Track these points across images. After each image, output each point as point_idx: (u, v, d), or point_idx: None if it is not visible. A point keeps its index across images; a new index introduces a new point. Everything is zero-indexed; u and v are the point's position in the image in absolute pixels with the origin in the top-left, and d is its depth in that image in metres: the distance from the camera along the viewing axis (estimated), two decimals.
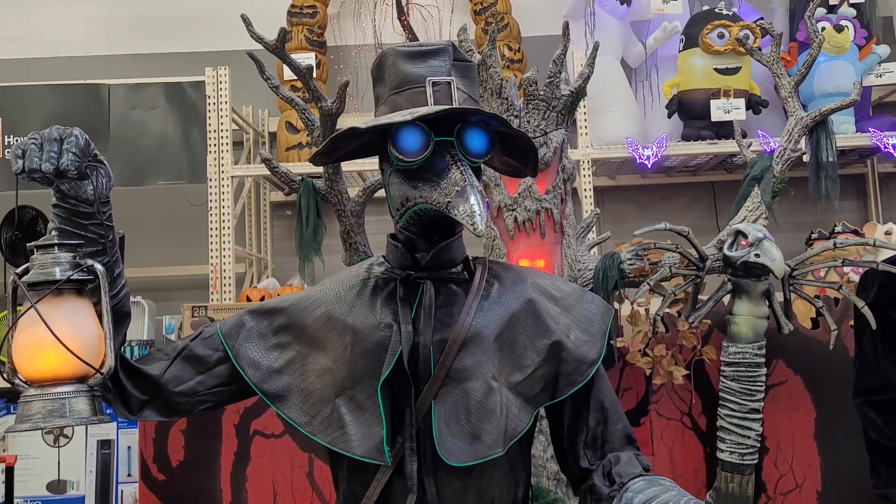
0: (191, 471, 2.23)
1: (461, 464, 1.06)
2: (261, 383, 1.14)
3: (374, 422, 1.07)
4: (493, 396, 1.09)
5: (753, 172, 1.91)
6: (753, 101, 3.31)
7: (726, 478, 0.94)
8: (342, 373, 1.10)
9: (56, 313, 1.03)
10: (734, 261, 0.96)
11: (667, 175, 3.77)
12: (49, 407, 1.02)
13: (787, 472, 2.21)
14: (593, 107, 3.34)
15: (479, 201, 0.99)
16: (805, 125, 1.89)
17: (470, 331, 1.10)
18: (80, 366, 1.04)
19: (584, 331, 1.18)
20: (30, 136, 1.02)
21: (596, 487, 1.15)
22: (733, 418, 0.94)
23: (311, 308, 1.16)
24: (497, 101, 1.83)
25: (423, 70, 1.08)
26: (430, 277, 1.13)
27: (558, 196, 1.85)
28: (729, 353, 0.96)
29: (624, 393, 2.27)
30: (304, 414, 1.11)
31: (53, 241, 1.05)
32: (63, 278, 1.03)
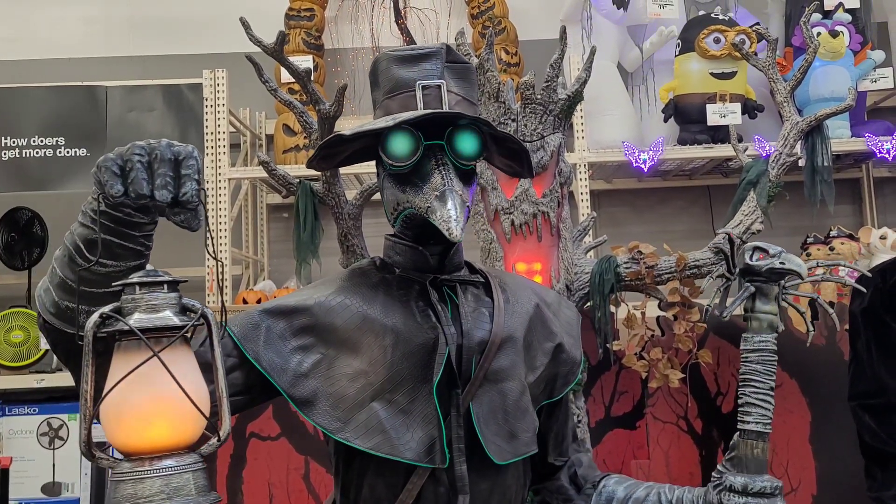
0: None
1: (504, 461, 1.09)
2: (289, 389, 1.07)
3: (418, 425, 1.06)
4: (527, 396, 1.15)
5: (749, 177, 1.92)
6: (749, 106, 3.32)
7: (752, 445, 1.13)
8: (381, 376, 1.07)
9: (174, 368, 0.83)
10: (759, 269, 1.16)
11: (663, 179, 3.77)
12: (173, 484, 0.83)
13: (783, 476, 2.22)
14: (590, 111, 3.35)
15: (456, 206, 0.99)
16: (800, 130, 1.91)
17: (505, 333, 1.13)
18: (198, 432, 0.86)
19: (569, 334, 1.26)
20: (130, 149, 0.84)
21: (564, 488, 1.25)
22: (758, 394, 1.14)
23: (341, 308, 1.10)
24: (494, 104, 1.84)
25: (414, 74, 1.08)
26: (456, 280, 1.14)
27: (555, 199, 1.86)
28: (754, 342, 1.17)
29: (620, 396, 2.28)
30: (334, 419, 1.06)
31: (162, 279, 0.85)
32: (185, 325, 0.84)
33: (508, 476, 1.13)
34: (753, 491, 1.09)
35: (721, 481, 1.12)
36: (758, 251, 1.15)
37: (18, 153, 3.21)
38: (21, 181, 3.22)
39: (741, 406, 1.15)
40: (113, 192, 0.84)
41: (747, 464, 1.11)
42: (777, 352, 1.16)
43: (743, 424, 1.13)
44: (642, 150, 3.29)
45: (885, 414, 1.59)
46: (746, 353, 1.16)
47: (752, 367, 1.15)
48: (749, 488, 1.09)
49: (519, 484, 1.17)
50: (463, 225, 0.99)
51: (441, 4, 3.82)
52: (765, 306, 1.16)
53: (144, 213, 0.88)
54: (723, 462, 1.14)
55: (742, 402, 1.14)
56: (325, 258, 1.91)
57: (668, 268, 1.90)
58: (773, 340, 1.15)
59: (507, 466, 1.11)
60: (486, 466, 1.09)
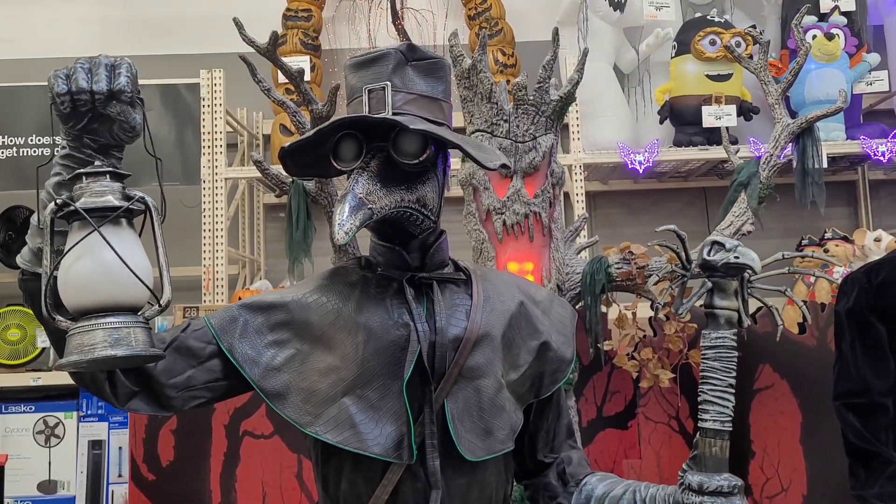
0: (180, 471, 2.24)
1: (477, 458, 1.10)
2: (260, 381, 1.10)
3: (388, 420, 1.07)
4: (503, 393, 1.15)
5: (740, 178, 1.93)
6: (745, 108, 3.33)
7: (709, 443, 1.11)
8: (352, 372, 1.09)
9: (114, 241, 0.98)
10: (715, 264, 1.13)
11: (658, 180, 3.79)
12: (114, 335, 0.96)
13: (774, 476, 2.23)
14: (586, 112, 3.36)
15: (346, 210, 1.00)
16: (791, 132, 1.92)
17: (481, 330, 1.13)
18: (140, 296, 1.00)
19: (560, 332, 1.26)
20: (75, 62, 0.98)
21: (551, 486, 1.25)
22: (715, 392, 1.12)
23: (317, 305, 1.14)
24: (487, 105, 1.85)
25: (365, 78, 1.10)
26: (434, 278, 1.15)
27: (547, 200, 1.87)
28: (711, 338, 1.14)
29: (612, 396, 2.29)
30: (305, 414, 1.09)
31: (105, 169, 1.00)
32: (122, 206, 0.98)
33: (487, 472, 1.14)
34: (709, 490, 1.07)
35: (682, 480, 1.11)
36: (715, 246, 1.13)
37: (15, 152, 3.22)
38: (18, 180, 3.23)
39: (700, 404, 1.13)
40: (58, 90, 0.96)
41: (705, 462, 1.10)
42: (736, 348, 1.14)
43: (702, 422, 1.12)
44: (638, 151, 3.30)
45: (869, 413, 1.60)
46: (705, 349, 1.14)
47: (710, 364, 1.13)
48: (705, 487, 1.08)
49: (500, 480, 1.17)
50: (351, 227, 0.99)
51: (438, 5, 3.83)
52: (722, 301, 1.13)
53: (93, 118, 0.98)
54: (687, 461, 1.14)
55: (701, 400, 1.13)
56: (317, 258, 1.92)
57: (660, 268, 1.91)
58: (731, 336, 1.12)
59: (485, 462, 1.12)
60: (462, 462, 1.10)
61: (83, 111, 0.97)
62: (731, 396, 1.11)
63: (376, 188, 1.04)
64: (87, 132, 0.99)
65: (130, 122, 1.00)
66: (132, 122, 1.00)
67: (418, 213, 1.10)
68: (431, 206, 1.12)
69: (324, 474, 1.15)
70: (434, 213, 1.14)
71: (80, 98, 0.96)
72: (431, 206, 1.12)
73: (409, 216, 1.10)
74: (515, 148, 1.83)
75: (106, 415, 3.21)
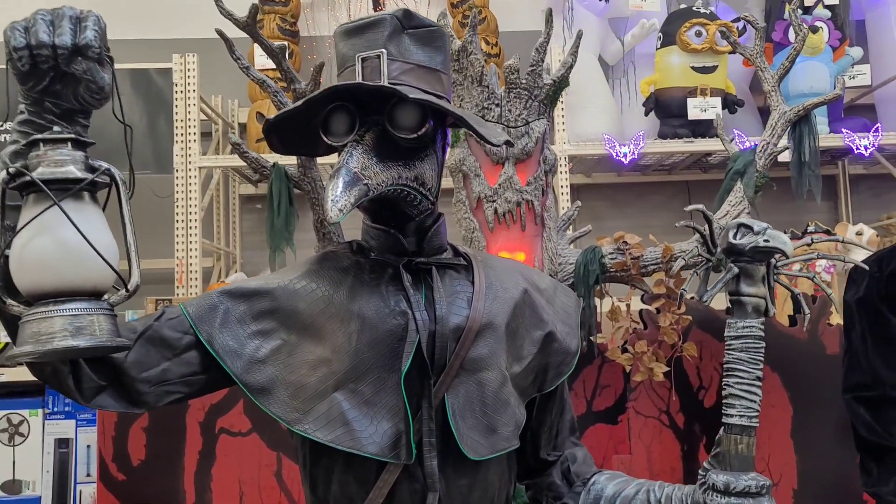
0: (152, 470, 2.14)
1: (480, 457, 1.01)
2: (243, 374, 1.01)
3: (384, 417, 0.99)
4: (507, 387, 1.07)
5: (736, 167, 1.88)
6: (729, 101, 3.30)
7: (735, 440, 1.03)
8: (345, 364, 1.00)
9: (76, 217, 0.87)
10: (742, 248, 1.05)
11: (642, 173, 3.75)
12: (75, 324, 0.86)
13: (764, 470, 2.19)
14: (570, 103, 3.31)
15: (339, 185, 0.90)
16: (788, 119, 1.87)
17: (484, 319, 1.05)
18: (105, 279, 0.90)
19: (564, 322, 1.18)
20: (35, 12, 0.87)
21: (556, 485, 1.17)
22: (742, 385, 1.04)
23: (306, 292, 1.04)
24: (478, 88, 1.78)
25: (358, 46, 1.01)
26: (432, 263, 1.06)
27: (539, 188, 1.81)
28: (738, 327, 1.06)
29: (602, 390, 2.24)
30: (292, 410, 1.00)
31: (67, 136, 0.89)
32: (86, 178, 0.88)
33: (490, 472, 1.06)
34: (736, 490, 0.99)
35: (705, 479, 1.04)
36: (742, 229, 1.05)
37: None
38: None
39: (725, 398, 1.05)
40: (15, 43, 0.85)
41: (731, 461, 1.02)
42: (764, 338, 1.06)
43: (727, 418, 1.03)
44: (623, 143, 3.25)
45: (881, 406, 1.55)
46: (730, 339, 1.06)
47: (736, 356, 1.05)
48: (732, 487, 0.99)
49: (503, 480, 1.10)
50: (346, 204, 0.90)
51: None
52: (749, 288, 1.05)
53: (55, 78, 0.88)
54: (708, 459, 1.06)
55: (726, 395, 1.05)
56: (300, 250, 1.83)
57: (654, 259, 1.86)
58: (759, 326, 1.05)
59: (488, 462, 1.04)
60: (464, 462, 1.02)
61: (44, 69, 0.86)
62: (759, 390, 1.04)
63: (372, 163, 0.95)
64: (48, 94, 0.89)
65: (98, 82, 0.89)
66: (100, 83, 0.89)
67: (416, 193, 1.02)
68: (430, 185, 1.04)
69: (312, 476, 1.06)
70: (433, 193, 1.05)
71: (41, 54, 0.85)
72: (430, 186, 1.04)
73: (406, 195, 1.01)
74: (507, 133, 1.77)
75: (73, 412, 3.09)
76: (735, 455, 1.02)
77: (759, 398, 1.04)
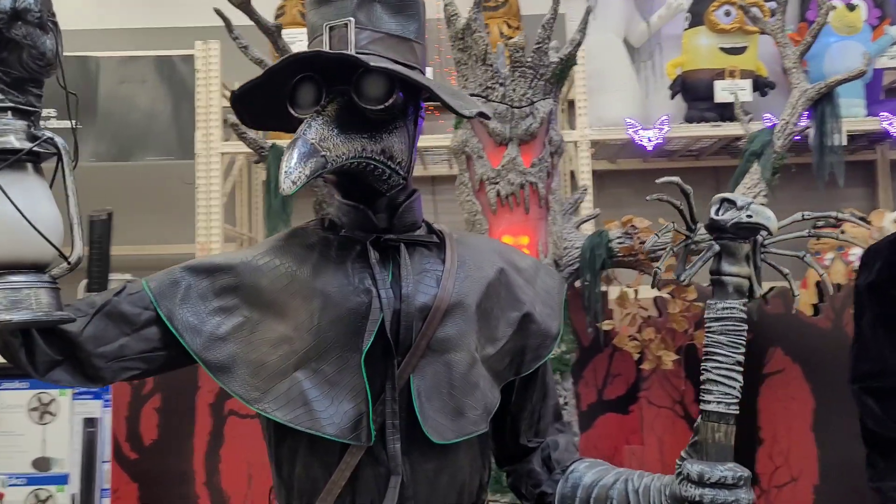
0: (164, 450, 2.16)
1: (446, 441, 0.98)
2: (202, 351, 0.99)
3: (345, 397, 0.96)
4: (476, 369, 1.03)
5: (753, 147, 1.81)
6: (760, 83, 3.19)
7: (712, 428, 0.97)
8: (306, 342, 0.98)
9: (15, 189, 0.86)
10: (724, 224, 0.99)
11: (669, 159, 3.66)
12: (11, 297, 0.85)
13: (783, 465, 2.13)
14: (593, 87, 3.23)
15: (294, 157, 0.87)
16: (809, 98, 1.79)
17: (453, 298, 1.01)
18: (46, 252, 0.88)
19: (545, 304, 1.14)
20: None
21: (535, 472, 1.13)
22: (720, 370, 0.98)
23: (269, 268, 1.02)
24: (482, 68, 1.74)
25: (327, 14, 0.98)
26: (402, 240, 1.03)
27: (544, 170, 1.76)
28: (717, 308, 0.99)
29: (613, 379, 2.19)
30: (252, 389, 0.98)
31: (6, 104, 0.88)
32: (24, 148, 0.86)
33: (460, 456, 1.03)
34: (711, 481, 0.93)
35: (680, 469, 0.98)
36: (725, 204, 0.98)
37: None
38: None
39: (703, 384, 0.99)
40: None
41: (708, 450, 0.96)
42: (746, 320, 0.99)
43: (704, 405, 0.98)
44: (647, 128, 3.17)
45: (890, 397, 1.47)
46: (710, 322, 0.99)
47: (715, 339, 0.98)
48: (706, 478, 0.93)
49: (475, 465, 1.06)
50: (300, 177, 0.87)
51: None
52: (731, 267, 0.98)
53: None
54: (686, 448, 1.00)
55: (704, 380, 0.99)
56: None
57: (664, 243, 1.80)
58: (740, 307, 0.98)
59: (457, 446, 1.01)
60: (431, 445, 0.99)
61: None
62: (739, 375, 0.97)
63: (332, 134, 0.91)
64: None
65: (39, 47, 0.87)
66: (41, 48, 0.88)
67: (383, 167, 0.98)
68: (399, 159, 1.00)
69: (277, 456, 1.04)
70: (403, 167, 1.01)
71: None
72: (400, 160, 1.00)
73: (373, 169, 0.97)
74: (511, 113, 1.73)
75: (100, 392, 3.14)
76: (712, 444, 0.96)
77: (739, 384, 0.97)
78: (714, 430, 0.96)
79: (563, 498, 1.07)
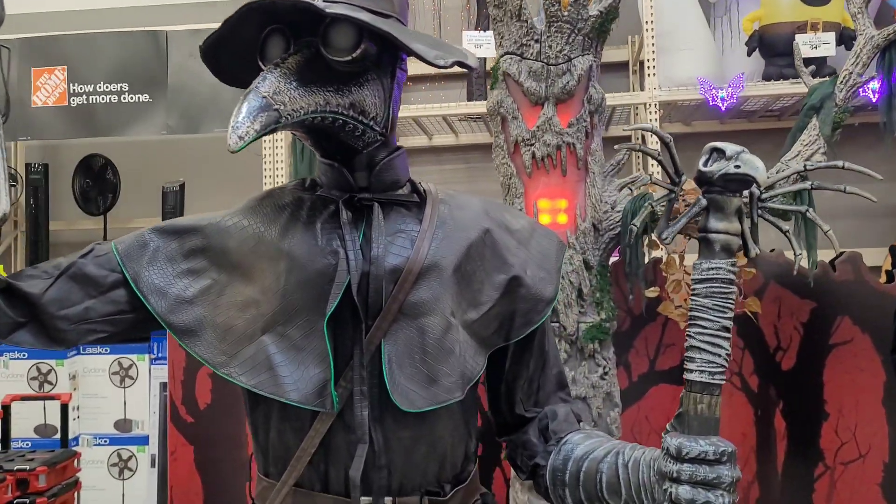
0: (217, 414, 2.23)
1: (416, 409, 0.94)
2: (167, 314, 0.97)
3: (311, 362, 0.94)
4: (452, 334, 0.97)
5: (812, 101, 1.69)
6: (846, 36, 2.96)
7: (695, 399, 0.89)
8: (273, 306, 0.96)
9: None
10: (711, 175, 0.89)
11: (748, 120, 3.46)
12: None
13: (850, 440, 2.00)
14: (663, 46, 3.08)
15: (242, 110, 0.83)
16: (876, 45, 1.64)
17: (427, 260, 0.97)
18: None
19: (540, 266, 1.07)
20: None
21: (530, 443, 1.07)
22: (705, 336, 0.89)
23: (237, 229, 1.00)
24: (517, 24, 1.68)
25: None
26: (377, 199, 0.99)
27: (582, 130, 1.69)
28: (702, 269, 0.91)
29: (666, 349, 2.11)
30: (219, 353, 0.96)
31: None
32: None
33: (439, 425, 0.98)
34: (689, 456, 0.85)
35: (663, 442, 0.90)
36: (714, 154, 0.89)
37: (86, 99, 3.28)
38: (88, 127, 3.30)
39: (686, 351, 0.91)
40: None
41: (690, 422, 0.88)
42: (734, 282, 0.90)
43: (687, 374, 0.90)
44: (720, 87, 3.00)
45: None
46: (694, 283, 0.91)
47: (700, 303, 0.89)
48: (684, 452, 0.85)
49: (457, 434, 1.01)
50: (248, 131, 0.82)
51: None
52: (719, 223, 0.90)
53: None
54: (672, 420, 0.92)
55: (687, 346, 0.90)
56: None
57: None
58: (727, 267, 0.89)
59: (436, 414, 0.96)
60: (405, 413, 0.95)
61: None
62: (726, 342, 0.89)
63: (289, 87, 0.87)
64: None
65: None
66: None
67: (354, 122, 0.94)
68: (373, 113, 0.95)
69: (253, 422, 1.02)
70: (379, 122, 0.97)
71: None
72: (373, 115, 0.96)
73: (342, 125, 0.93)
74: (547, 71, 1.66)
75: None
76: (695, 416, 0.88)
77: (725, 351, 0.89)
78: (697, 402, 0.88)
79: (555, 470, 1.02)
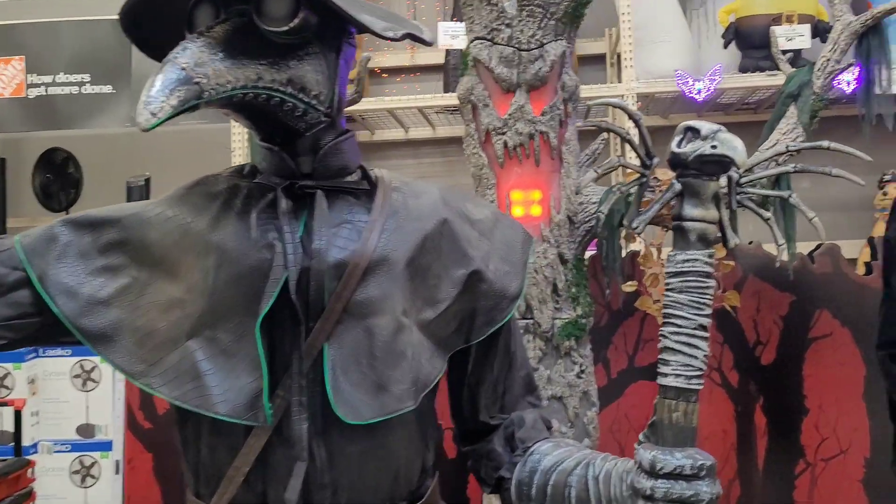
0: None
1: (362, 421, 0.84)
2: (78, 318, 0.85)
3: (243, 370, 0.83)
4: (403, 336, 0.88)
5: (790, 88, 1.65)
6: (820, 28, 2.94)
7: (669, 406, 0.80)
8: (199, 306, 0.85)
9: None
10: (685, 157, 0.81)
11: (725, 113, 3.44)
12: None
13: (831, 436, 1.97)
14: (640, 38, 3.05)
15: (157, 83, 0.73)
16: (854, 31, 1.60)
17: (376, 253, 0.87)
18: None
19: (504, 260, 0.99)
20: None
21: (495, 453, 0.97)
22: (680, 335, 0.80)
23: (159, 221, 0.89)
24: (487, 7, 1.62)
25: None
26: (321, 186, 0.89)
27: (556, 118, 1.63)
28: (676, 261, 0.82)
29: (645, 345, 2.06)
30: (138, 361, 0.85)
31: None
32: None
33: (392, 438, 0.88)
34: (664, 471, 0.76)
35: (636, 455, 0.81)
36: (689, 134, 0.81)
37: (45, 90, 3.17)
38: (47, 119, 3.19)
39: (660, 352, 0.82)
40: None
41: (664, 432, 0.79)
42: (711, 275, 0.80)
43: (661, 378, 0.81)
44: (697, 79, 2.97)
45: None
46: (668, 277, 0.82)
47: (674, 299, 0.80)
48: (658, 467, 0.77)
49: (412, 447, 0.92)
50: (162, 107, 0.72)
51: None
52: (694, 210, 0.80)
53: None
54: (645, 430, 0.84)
55: (661, 347, 0.82)
56: None
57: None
58: (704, 259, 0.80)
59: (387, 425, 0.86)
60: (354, 426, 0.84)
61: None
62: (703, 342, 0.80)
63: (215, 59, 0.77)
64: None
65: None
66: None
67: (293, 100, 0.84)
68: (315, 91, 0.86)
69: (182, 439, 0.90)
70: (323, 101, 0.87)
71: None
72: (316, 92, 0.86)
73: (279, 103, 0.83)
74: (519, 57, 1.60)
75: None
76: (669, 425, 0.79)
77: (702, 353, 0.80)
78: (671, 409, 0.79)
79: (520, 483, 0.93)
